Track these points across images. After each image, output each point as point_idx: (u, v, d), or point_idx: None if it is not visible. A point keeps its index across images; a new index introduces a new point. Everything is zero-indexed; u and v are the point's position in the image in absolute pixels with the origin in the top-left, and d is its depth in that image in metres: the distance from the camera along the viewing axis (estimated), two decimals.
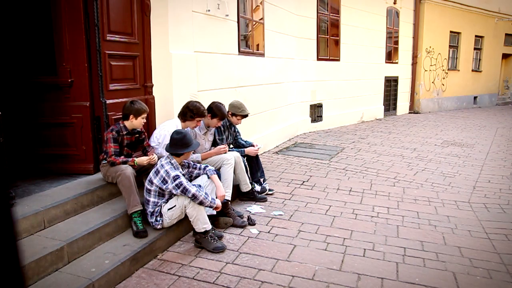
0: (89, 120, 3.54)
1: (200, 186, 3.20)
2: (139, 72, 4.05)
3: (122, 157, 3.28)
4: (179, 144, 3.15)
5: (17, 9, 3.57)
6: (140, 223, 3.10)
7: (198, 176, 3.44)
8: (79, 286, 2.39)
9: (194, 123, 3.76)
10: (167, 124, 3.73)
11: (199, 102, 3.80)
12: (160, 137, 3.65)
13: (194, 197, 3.03)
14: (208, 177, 3.43)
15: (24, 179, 3.42)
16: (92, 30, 3.46)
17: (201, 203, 3.08)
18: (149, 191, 3.16)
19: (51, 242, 2.64)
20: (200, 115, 3.72)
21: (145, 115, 3.35)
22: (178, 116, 3.80)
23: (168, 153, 3.22)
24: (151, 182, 3.15)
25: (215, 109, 3.93)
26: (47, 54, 3.51)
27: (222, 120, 4.06)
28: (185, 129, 3.61)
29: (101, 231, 2.94)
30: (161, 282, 2.70)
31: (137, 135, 3.48)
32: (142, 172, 3.47)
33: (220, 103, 4.02)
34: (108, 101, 3.62)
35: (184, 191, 3.03)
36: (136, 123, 3.33)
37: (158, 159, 3.42)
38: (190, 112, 3.69)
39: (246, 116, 4.36)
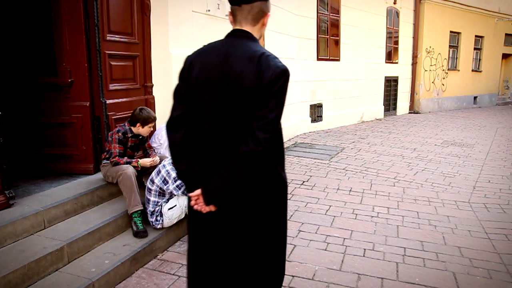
0: (89, 120, 3.54)
1: None
2: (139, 72, 4.05)
3: (126, 158, 3.28)
4: None
5: (17, 9, 3.57)
6: (140, 223, 3.10)
7: None
8: (79, 286, 2.39)
9: None
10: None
11: None
12: (162, 138, 3.66)
13: None
14: None
15: (24, 179, 3.42)
16: (92, 30, 3.46)
17: None
18: (150, 190, 3.16)
19: (51, 242, 2.64)
20: None
21: (153, 123, 3.37)
22: None
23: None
24: (152, 181, 3.15)
25: None
26: (47, 54, 3.51)
27: None
28: None
29: (101, 231, 2.94)
30: (161, 282, 2.70)
31: (141, 137, 3.49)
32: (143, 172, 3.47)
33: None
34: (108, 101, 3.62)
35: (185, 192, 3.04)
36: (142, 131, 3.34)
37: (160, 159, 3.43)
38: None
39: None
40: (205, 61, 1.58)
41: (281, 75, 1.48)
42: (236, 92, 1.50)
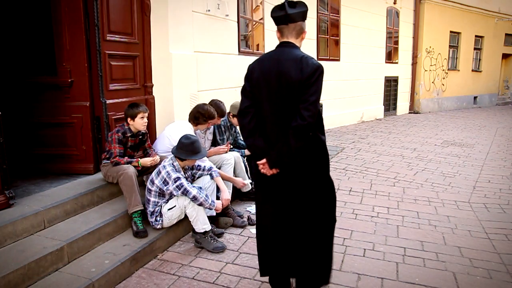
0: (89, 120, 3.54)
1: (200, 188, 3.20)
2: (139, 72, 4.05)
3: (126, 157, 3.28)
4: (185, 150, 3.12)
5: (17, 9, 3.57)
6: (140, 223, 3.10)
7: (200, 177, 3.44)
8: (79, 286, 2.39)
9: (205, 125, 3.85)
10: (179, 131, 3.59)
11: (207, 105, 3.84)
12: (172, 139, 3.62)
13: (194, 199, 3.04)
14: (212, 178, 3.43)
15: (24, 179, 3.42)
16: (92, 30, 3.46)
17: (200, 205, 3.09)
18: (150, 191, 3.16)
19: (51, 242, 2.64)
20: (212, 118, 3.81)
21: (142, 114, 3.32)
22: (189, 120, 3.82)
23: (173, 155, 3.21)
24: (152, 182, 3.15)
25: (214, 107, 3.96)
26: (47, 54, 3.51)
27: (222, 118, 4.09)
28: (196, 132, 3.73)
29: (101, 231, 2.94)
30: (161, 282, 2.70)
31: (141, 137, 3.48)
32: (143, 172, 3.47)
33: (219, 101, 4.07)
34: (108, 101, 3.62)
35: (185, 193, 3.04)
36: (136, 124, 3.33)
37: (160, 159, 3.42)
38: (202, 116, 3.76)
39: None
40: (263, 66, 2.21)
41: (316, 70, 2.09)
42: (287, 85, 2.11)
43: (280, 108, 2.16)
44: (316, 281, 2.37)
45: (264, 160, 2.21)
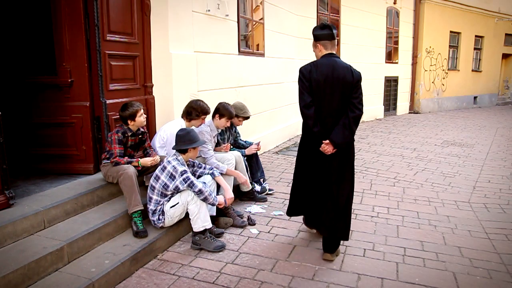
0: (89, 120, 3.54)
1: (205, 183, 3.21)
2: (139, 72, 4.05)
3: (126, 157, 3.28)
4: (183, 141, 3.15)
5: (17, 9, 3.57)
6: (140, 223, 3.10)
7: (201, 175, 3.44)
8: (79, 286, 2.39)
9: (199, 121, 3.80)
10: (171, 125, 3.72)
11: (200, 100, 3.83)
12: (165, 138, 3.65)
13: (200, 192, 3.04)
14: (213, 178, 3.43)
15: (24, 179, 3.42)
16: (92, 30, 3.46)
17: (205, 199, 3.09)
18: (153, 188, 3.15)
19: (51, 242, 2.64)
20: (204, 113, 3.77)
21: (141, 112, 3.34)
22: (182, 116, 3.81)
23: (174, 151, 3.22)
24: (157, 178, 3.13)
25: (222, 109, 3.96)
26: (47, 54, 3.51)
27: (230, 120, 4.07)
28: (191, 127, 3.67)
29: (101, 231, 2.94)
30: (161, 282, 2.70)
31: (140, 136, 3.48)
32: (143, 172, 3.47)
33: (227, 103, 4.05)
34: (108, 101, 3.62)
35: (191, 185, 3.04)
36: (137, 123, 3.33)
37: (161, 160, 3.42)
38: (195, 111, 3.73)
39: (247, 118, 4.37)
40: (320, 70, 2.88)
41: (361, 76, 2.92)
42: (343, 86, 2.86)
43: (334, 103, 2.87)
44: (338, 236, 3.02)
45: (327, 141, 2.88)
